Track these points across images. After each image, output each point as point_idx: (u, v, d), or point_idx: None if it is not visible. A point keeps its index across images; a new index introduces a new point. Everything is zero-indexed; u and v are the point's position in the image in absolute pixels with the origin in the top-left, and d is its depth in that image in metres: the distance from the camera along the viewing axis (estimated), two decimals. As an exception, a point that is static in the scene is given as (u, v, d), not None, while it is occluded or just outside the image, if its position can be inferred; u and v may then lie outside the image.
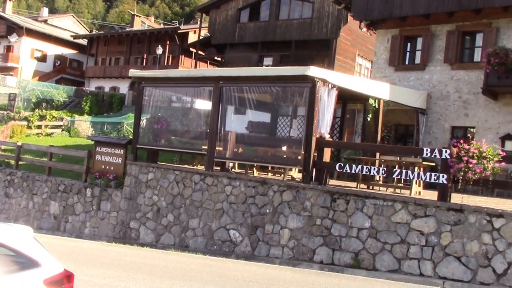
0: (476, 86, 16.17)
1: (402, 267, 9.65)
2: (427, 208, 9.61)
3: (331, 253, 10.45)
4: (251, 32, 32.34)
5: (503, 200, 12.87)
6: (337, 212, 10.55)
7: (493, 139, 15.58)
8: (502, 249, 8.78)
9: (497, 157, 9.26)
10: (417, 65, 17.96)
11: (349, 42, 29.86)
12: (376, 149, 13.97)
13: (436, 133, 17.10)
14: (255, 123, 20.76)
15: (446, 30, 17.20)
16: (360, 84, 14.07)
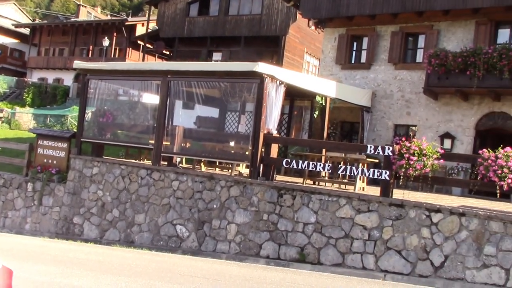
0: (418, 86, 16.75)
1: (345, 261, 9.89)
2: (370, 204, 9.89)
3: (277, 248, 10.58)
4: (200, 26, 32.14)
5: (442, 195, 13.44)
6: (284, 207, 10.69)
7: (433, 137, 16.21)
8: (439, 242, 9.15)
9: (436, 154, 9.63)
10: (363, 64, 18.41)
11: (298, 39, 30.20)
12: (322, 145, 14.23)
13: (380, 131, 17.60)
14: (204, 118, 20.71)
15: (391, 30, 17.71)
16: (307, 81, 14.28)
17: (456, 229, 9.05)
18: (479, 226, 8.87)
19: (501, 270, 8.60)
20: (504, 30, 16.11)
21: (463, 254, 8.91)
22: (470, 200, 12.21)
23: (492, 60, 14.42)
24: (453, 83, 15.33)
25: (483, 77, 14.65)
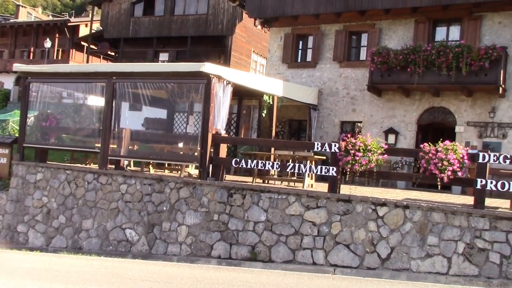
0: (362, 83, 17.17)
1: (296, 257, 10.03)
2: (319, 200, 10.06)
3: (228, 248, 10.60)
4: (146, 26, 31.70)
5: (387, 189, 13.84)
6: (234, 207, 10.72)
7: (378, 133, 16.66)
8: (385, 235, 9.43)
9: (380, 149, 9.91)
10: (309, 63, 18.70)
11: (245, 39, 30.30)
12: (270, 144, 14.35)
13: (327, 128, 17.92)
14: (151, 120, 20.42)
15: (335, 29, 18.07)
16: (254, 81, 14.38)
17: (401, 221, 9.35)
18: (422, 217, 9.20)
19: (443, 258, 8.95)
20: (441, 28, 16.75)
21: (408, 245, 9.22)
22: (414, 193, 12.63)
23: (431, 57, 14.97)
24: (395, 80, 15.82)
25: (423, 73, 15.19)
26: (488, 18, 15.81)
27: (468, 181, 10.50)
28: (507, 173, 10.94)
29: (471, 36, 15.73)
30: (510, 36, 15.43)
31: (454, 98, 15.97)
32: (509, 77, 15.21)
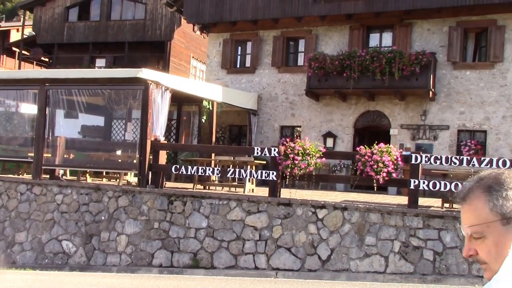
0: (301, 88, 17.44)
1: (238, 262, 10.03)
2: (260, 204, 10.12)
3: (170, 256, 10.46)
4: (81, 32, 30.83)
5: (327, 192, 14.10)
6: (175, 214, 10.60)
7: (316, 136, 16.97)
8: (325, 237, 9.61)
9: (318, 153, 10.11)
10: (248, 68, 18.81)
11: (184, 44, 30.08)
12: (210, 150, 14.31)
13: (267, 133, 18.08)
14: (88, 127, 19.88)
15: (273, 35, 18.29)
16: (193, 87, 14.32)
17: (340, 223, 9.56)
18: (360, 218, 9.45)
19: (381, 258, 9.22)
20: (374, 35, 17.31)
21: (347, 246, 9.44)
22: (352, 195, 12.94)
23: (365, 63, 15.43)
24: (332, 85, 16.18)
25: (358, 78, 15.63)
26: (418, 25, 16.49)
27: (402, 182, 10.88)
28: (438, 173, 11.42)
29: (402, 42, 16.35)
30: (438, 42, 16.15)
31: (388, 102, 16.53)
32: (438, 82, 15.91)
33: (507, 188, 1.33)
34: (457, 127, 15.81)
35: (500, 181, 1.34)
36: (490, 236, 1.32)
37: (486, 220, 1.32)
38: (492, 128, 15.38)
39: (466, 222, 1.37)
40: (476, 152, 15.06)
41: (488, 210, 1.32)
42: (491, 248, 1.32)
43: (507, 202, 1.31)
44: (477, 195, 1.35)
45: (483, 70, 15.63)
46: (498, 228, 1.31)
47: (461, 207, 1.40)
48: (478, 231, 1.33)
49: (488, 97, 15.47)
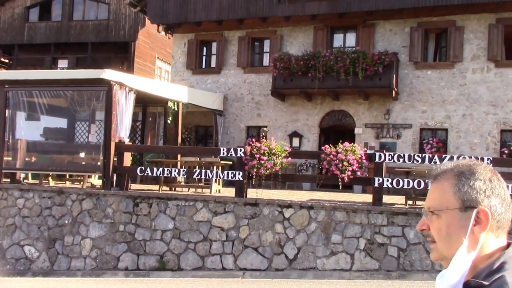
0: (266, 88, 17.50)
1: (206, 263, 9.99)
2: (226, 205, 10.11)
3: (136, 259, 10.34)
4: (42, 32, 30.16)
5: (293, 191, 14.19)
6: (140, 216, 10.48)
7: (282, 136, 17.05)
8: (292, 236, 9.67)
9: (284, 153, 10.16)
10: (213, 69, 18.77)
11: (148, 45, 29.77)
12: (176, 151, 14.19)
13: (233, 133, 18.07)
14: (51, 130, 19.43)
15: (238, 36, 18.29)
16: (158, 87, 14.19)
17: (306, 222, 9.63)
18: (326, 217, 9.54)
19: (347, 255, 9.33)
20: (338, 35, 17.52)
21: (314, 244, 9.51)
22: (318, 194, 13.06)
23: (329, 63, 15.59)
24: (297, 85, 16.29)
25: (323, 78, 15.78)
26: (380, 26, 16.77)
27: (367, 180, 11.05)
28: (401, 171, 11.62)
29: (365, 43, 16.59)
30: (400, 42, 16.46)
31: (353, 102, 16.75)
32: (401, 81, 16.22)
33: (477, 179, 1.37)
34: (419, 125, 16.14)
35: (472, 170, 1.39)
36: (445, 216, 1.37)
37: (448, 202, 1.37)
38: (453, 126, 15.76)
39: (430, 198, 1.42)
40: (438, 150, 15.41)
41: (452, 193, 1.37)
42: (442, 228, 1.37)
43: (471, 191, 1.35)
44: (448, 177, 1.40)
45: (444, 70, 16.01)
46: (455, 213, 1.36)
47: (430, 185, 1.45)
48: (436, 208, 1.38)
49: (448, 96, 15.85)
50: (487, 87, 15.51)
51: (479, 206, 1.35)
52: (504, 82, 15.35)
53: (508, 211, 1.38)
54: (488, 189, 1.37)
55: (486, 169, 1.41)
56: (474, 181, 1.37)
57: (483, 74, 15.57)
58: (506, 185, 1.42)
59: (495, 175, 1.41)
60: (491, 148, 15.33)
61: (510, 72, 15.34)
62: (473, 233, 1.34)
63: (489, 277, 1.28)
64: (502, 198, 1.37)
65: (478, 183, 1.37)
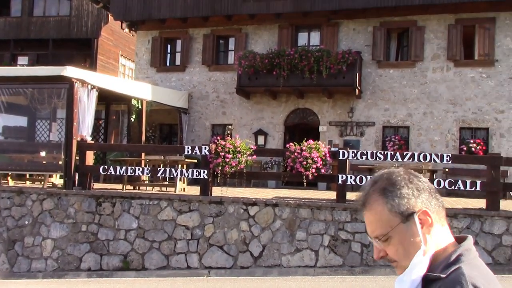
0: (231, 86, 17.49)
1: (170, 262, 9.92)
2: (191, 203, 10.05)
3: (99, 259, 10.17)
4: (1, 28, 29.30)
5: (258, 189, 14.23)
6: (104, 216, 10.32)
7: (248, 134, 17.08)
8: (257, 234, 9.69)
9: (249, 151, 10.16)
10: (178, 67, 18.63)
11: (112, 42, 29.31)
12: (140, 149, 14.02)
13: (198, 131, 17.98)
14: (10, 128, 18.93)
15: (203, 33, 18.21)
16: (122, 85, 14.00)
17: (271, 219, 9.66)
18: (290, 214, 9.60)
19: (311, 252, 9.42)
20: (303, 34, 17.65)
21: (279, 242, 9.56)
22: (283, 191, 13.14)
23: (294, 61, 15.69)
24: (262, 83, 16.34)
25: (288, 76, 15.88)
26: (344, 25, 16.97)
27: (330, 177, 11.17)
28: (364, 168, 11.81)
29: (329, 42, 16.77)
30: (364, 41, 16.70)
31: (317, 100, 16.90)
32: (364, 80, 16.46)
33: (400, 187, 1.39)
34: (382, 123, 16.42)
35: (392, 181, 1.40)
36: (394, 236, 1.38)
37: (388, 222, 1.38)
38: (414, 124, 16.10)
39: (370, 227, 1.42)
40: (400, 147, 15.72)
41: (387, 212, 1.38)
42: (398, 247, 1.38)
43: (402, 201, 1.37)
44: (375, 199, 1.40)
45: (405, 69, 16.33)
46: (400, 227, 1.37)
47: (363, 213, 1.45)
48: (383, 234, 1.39)
49: (410, 95, 16.18)
50: (446, 86, 15.90)
51: (415, 209, 1.37)
52: (463, 81, 15.78)
53: (437, 197, 1.42)
54: (413, 190, 1.39)
55: (401, 173, 1.43)
56: (399, 191, 1.38)
57: (443, 73, 15.96)
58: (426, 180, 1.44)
59: (410, 173, 1.43)
60: (450, 145, 15.74)
61: (469, 71, 15.77)
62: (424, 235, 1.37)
63: (446, 270, 1.31)
64: (427, 190, 1.41)
65: (403, 190, 1.38)
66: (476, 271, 1.30)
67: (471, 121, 15.68)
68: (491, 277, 1.34)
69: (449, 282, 1.28)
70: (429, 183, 1.43)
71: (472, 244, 1.40)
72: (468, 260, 1.33)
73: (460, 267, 1.30)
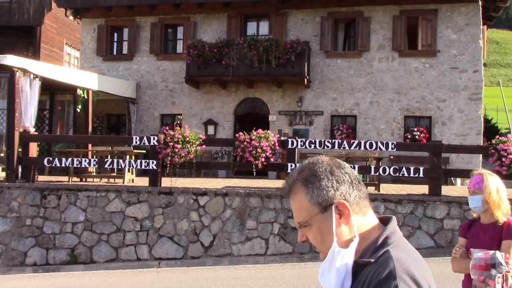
0: (180, 76, 17.31)
1: (119, 255, 9.79)
2: (140, 195, 9.93)
3: (45, 253, 9.92)
4: None
5: (209, 179, 14.21)
6: (49, 209, 10.05)
7: (198, 124, 16.99)
8: (207, 223, 9.69)
9: (198, 141, 10.12)
10: (125, 56, 18.26)
11: (56, 30, 28.34)
12: (86, 140, 13.64)
13: (147, 121, 17.73)
14: None
15: (150, 22, 17.90)
16: (66, 74, 13.60)
17: (221, 209, 9.69)
18: (240, 203, 9.65)
19: (261, 240, 9.51)
20: (252, 23, 17.64)
21: (229, 231, 9.60)
22: (234, 181, 13.17)
23: (243, 51, 15.70)
24: (211, 73, 16.25)
25: (237, 66, 15.86)
26: (292, 15, 17.08)
27: (280, 166, 11.29)
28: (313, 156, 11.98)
29: (278, 31, 16.85)
30: (312, 31, 16.88)
31: (267, 89, 16.99)
32: (312, 69, 16.66)
33: (320, 179, 1.44)
34: (330, 112, 16.70)
35: (314, 172, 1.46)
36: (314, 224, 1.45)
37: (308, 211, 1.45)
38: (361, 113, 16.46)
39: (295, 213, 1.50)
40: (348, 136, 16.05)
41: (308, 202, 1.45)
42: (316, 235, 1.46)
43: (321, 192, 1.43)
44: (298, 188, 1.47)
45: (352, 59, 16.63)
46: (318, 217, 1.44)
47: (289, 200, 1.52)
48: (304, 221, 1.46)
49: (357, 84, 16.51)
50: (392, 76, 16.32)
51: (334, 201, 1.43)
52: (407, 71, 16.23)
53: (360, 188, 1.47)
54: (333, 182, 1.44)
55: (324, 164, 1.48)
56: (319, 182, 1.44)
57: (388, 63, 16.37)
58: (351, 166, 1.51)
59: (334, 164, 1.48)
60: (396, 133, 16.20)
61: (412, 61, 16.24)
62: (340, 225, 1.43)
63: (375, 254, 1.38)
64: (349, 181, 1.46)
65: (323, 182, 1.44)
66: (403, 252, 1.37)
67: (415, 110, 16.18)
68: (417, 256, 1.42)
69: (378, 265, 1.34)
70: (352, 174, 1.48)
71: (396, 225, 1.47)
72: (394, 242, 1.40)
73: (388, 250, 1.37)
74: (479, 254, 3.21)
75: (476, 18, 16.00)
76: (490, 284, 3.11)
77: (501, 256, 3.14)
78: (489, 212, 3.31)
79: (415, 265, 1.35)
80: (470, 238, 3.41)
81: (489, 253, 3.17)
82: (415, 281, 1.30)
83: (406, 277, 1.30)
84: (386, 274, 1.31)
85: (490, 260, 3.14)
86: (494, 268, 3.11)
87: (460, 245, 3.47)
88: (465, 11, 16.03)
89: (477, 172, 3.45)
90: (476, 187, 3.33)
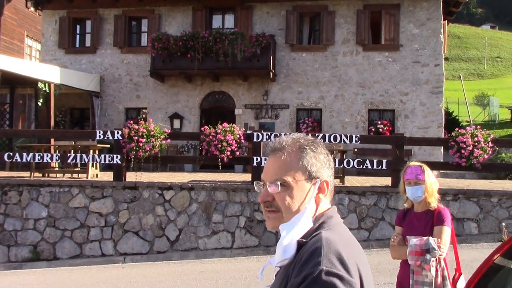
0: (145, 69, 17.12)
1: (84, 251, 9.66)
2: (104, 190, 9.81)
3: (6, 251, 9.70)
4: None
5: (175, 173, 14.12)
6: (10, 205, 9.82)
7: (163, 118, 16.85)
8: (173, 218, 9.66)
9: (163, 135, 10.04)
10: (88, 48, 17.94)
11: (16, 22, 27.53)
12: (47, 134, 13.34)
13: (111, 115, 17.48)
14: None
15: (114, 14, 17.62)
16: (27, 68, 13.28)
17: (187, 203, 9.66)
18: (206, 197, 9.65)
19: (228, 234, 9.54)
20: (217, 16, 17.56)
21: (195, 225, 9.59)
22: (200, 175, 13.14)
23: (208, 44, 15.62)
24: (176, 66, 16.12)
25: (203, 59, 15.78)
26: (258, 8, 17.08)
27: (245, 160, 11.32)
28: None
29: (244, 25, 16.82)
30: (277, 25, 16.92)
31: (232, 83, 16.97)
32: (278, 63, 16.72)
33: (320, 153, 1.54)
34: (296, 106, 16.81)
35: (316, 145, 1.55)
36: (293, 187, 1.50)
37: (295, 173, 1.50)
38: (326, 106, 16.63)
39: (274, 169, 1.52)
40: (313, 129, 16.20)
41: (299, 165, 1.50)
42: (288, 199, 1.50)
43: (317, 163, 1.52)
44: (292, 150, 1.52)
45: (317, 52, 16.76)
46: (301, 183, 1.50)
47: (272, 156, 1.54)
48: (284, 180, 1.50)
49: (322, 78, 16.66)
50: (356, 69, 16.53)
51: (321, 176, 1.52)
52: (371, 64, 16.47)
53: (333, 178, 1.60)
54: (327, 162, 1.55)
55: (323, 145, 1.58)
56: (318, 155, 1.53)
57: (353, 57, 16.57)
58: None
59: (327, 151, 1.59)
60: (360, 126, 16.43)
61: (376, 55, 16.48)
62: (314, 201, 1.51)
63: (310, 235, 1.45)
64: (333, 170, 1.59)
65: (321, 156, 1.54)
66: (335, 235, 1.44)
67: (379, 103, 16.44)
68: (351, 240, 1.48)
69: (309, 245, 1.41)
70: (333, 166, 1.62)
71: (334, 212, 1.55)
72: (328, 226, 1.48)
73: (321, 232, 1.44)
74: (414, 241, 3.43)
75: (437, 13, 16.34)
76: (426, 268, 3.35)
77: (434, 241, 3.38)
78: (425, 201, 3.58)
79: (345, 246, 1.40)
80: (405, 227, 3.67)
81: (423, 239, 3.41)
82: (341, 260, 1.35)
83: (331, 255, 1.35)
84: (312, 250, 1.37)
85: (424, 246, 3.37)
86: (429, 253, 3.34)
87: (397, 233, 3.73)
88: (427, 6, 16.35)
89: (413, 164, 3.71)
90: (419, 178, 3.57)
